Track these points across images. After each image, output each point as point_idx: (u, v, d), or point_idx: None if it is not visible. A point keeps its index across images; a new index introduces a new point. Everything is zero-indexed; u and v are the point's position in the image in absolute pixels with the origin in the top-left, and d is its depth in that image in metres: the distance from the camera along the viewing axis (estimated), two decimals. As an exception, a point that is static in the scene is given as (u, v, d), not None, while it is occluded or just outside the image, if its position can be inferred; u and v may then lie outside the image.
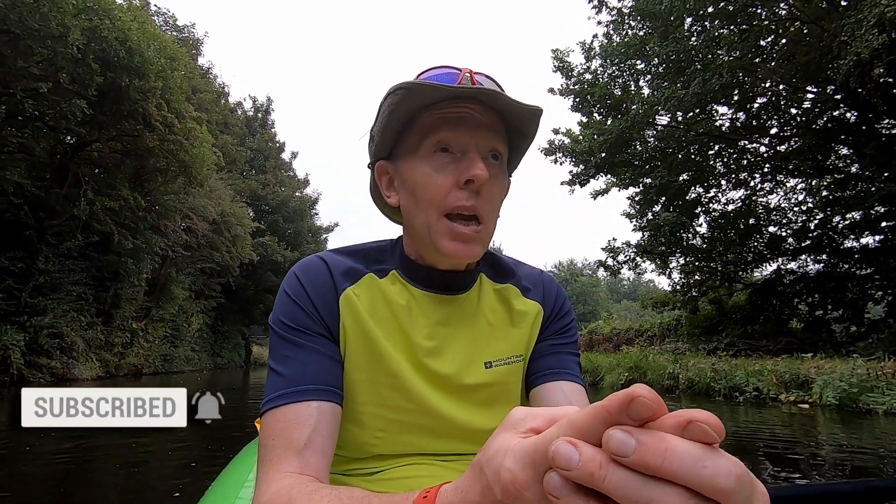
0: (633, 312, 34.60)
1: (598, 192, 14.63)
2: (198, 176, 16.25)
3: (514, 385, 0.74)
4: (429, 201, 0.65)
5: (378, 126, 0.69)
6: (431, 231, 0.66)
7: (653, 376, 9.11)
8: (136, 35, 11.61)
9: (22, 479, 3.38)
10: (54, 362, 12.90)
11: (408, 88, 0.62)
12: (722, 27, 10.63)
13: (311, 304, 0.66)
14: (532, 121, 0.68)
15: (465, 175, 0.63)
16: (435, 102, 0.65)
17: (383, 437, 0.67)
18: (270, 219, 32.42)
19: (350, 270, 0.70)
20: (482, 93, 0.63)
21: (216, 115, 28.14)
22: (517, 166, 0.78)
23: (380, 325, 0.68)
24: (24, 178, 11.88)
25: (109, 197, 14.51)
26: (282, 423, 0.58)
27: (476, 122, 0.65)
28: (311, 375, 0.61)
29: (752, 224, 13.75)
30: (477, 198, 0.65)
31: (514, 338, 0.74)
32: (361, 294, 0.69)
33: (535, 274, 0.81)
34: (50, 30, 9.47)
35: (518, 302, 0.76)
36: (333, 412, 0.61)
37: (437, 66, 0.70)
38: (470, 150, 0.64)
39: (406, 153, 0.68)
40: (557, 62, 13.56)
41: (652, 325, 16.83)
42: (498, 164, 0.68)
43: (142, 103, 12.83)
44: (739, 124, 13.12)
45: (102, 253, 15.36)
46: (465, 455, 0.70)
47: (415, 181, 0.67)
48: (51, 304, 12.96)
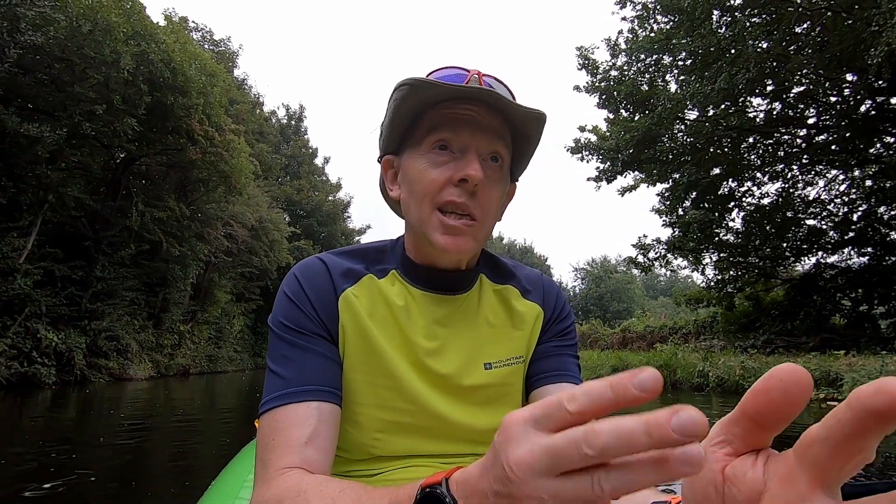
0: (670, 309, 33.75)
1: (625, 189, 14.50)
2: (237, 185, 17.05)
3: (515, 387, 0.74)
4: (422, 195, 0.66)
5: (386, 121, 0.71)
6: (424, 224, 0.67)
7: (682, 374, 9.07)
8: (179, 55, 12.37)
9: (98, 462, 3.84)
10: (112, 363, 13.78)
11: (411, 84, 0.63)
12: (753, 16, 10.41)
13: (310, 305, 0.66)
14: (536, 125, 0.68)
15: (460, 174, 0.64)
16: (440, 101, 0.66)
17: (382, 439, 0.67)
18: (305, 223, 33.42)
19: (349, 271, 0.70)
20: (485, 94, 0.63)
21: (252, 124, 29.23)
22: (523, 171, 0.78)
23: (379, 326, 0.68)
24: (83, 192, 12.82)
25: (157, 208, 15.42)
26: (281, 423, 0.58)
27: (478, 123, 0.65)
28: (310, 376, 0.61)
29: (790, 217, 13.34)
30: (471, 198, 0.65)
31: (515, 339, 0.74)
32: (361, 295, 0.69)
33: (534, 276, 0.82)
34: (104, 56, 10.27)
35: (518, 303, 0.76)
36: (333, 413, 0.61)
37: (447, 66, 0.70)
38: (468, 150, 0.65)
39: (409, 148, 0.70)
40: (582, 60, 13.54)
41: (687, 323, 16.53)
42: (497, 166, 0.68)
43: (185, 119, 13.63)
44: (775, 115, 12.76)
45: (152, 260, 16.30)
46: (465, 455, 0.70)
47: (412, 175, 0.68)
48: (107, 308, 13.86)
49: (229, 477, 1.43)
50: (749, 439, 0.25)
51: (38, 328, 11.34)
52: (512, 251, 60.03)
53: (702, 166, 12.67)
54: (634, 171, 13.74)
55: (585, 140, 13.92)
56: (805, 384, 0.22)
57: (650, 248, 14.04)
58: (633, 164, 13.11)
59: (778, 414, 0.23)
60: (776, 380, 0.23)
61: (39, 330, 11.34)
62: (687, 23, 10.40)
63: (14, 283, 10.64)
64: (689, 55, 11.13)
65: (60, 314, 12.31)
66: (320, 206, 34.85)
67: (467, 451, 0.70)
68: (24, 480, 3.27)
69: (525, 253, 60.54)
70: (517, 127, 0.69)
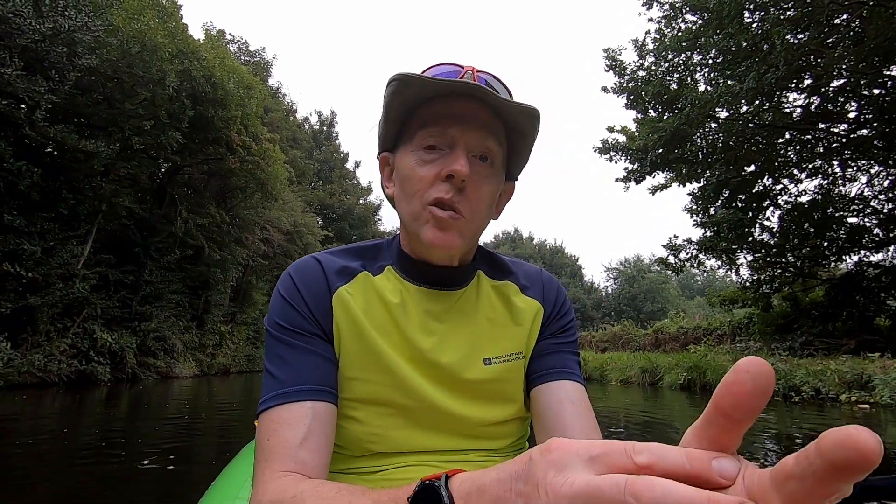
0: (707, 310, 32.82)
1: (656, 188, 14.33)
2: (273, 191, 17.79)
3: (515, 383, 0.74)
4: (412, 192, 0.66)
5: (381, 118, 0.71)
6: (414, 221, 0.67)
7: (712, 376, 8.95)
8: (219, 71, 13.07)
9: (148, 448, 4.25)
10: (159, 362, 14.55)
11: (400, 80, 0.63)
12: (788, 9, 10.17)
13: (304, 304, 0.66)
14: (529, 121, 0.67)
15: (447, 170, 0.63)
16: (432, 97, 0.65)
17: (381, 434, 0.66)
18: (337, 226, 34.27)
19: (344, 269, 0.70)
20: (474, 89, 0.62)
21: (286, 131, 30.20)
22: (521, 169, 0.76)
23: (374, 322, 0.68)
24: (132, 202, 13.69)
25: (199, 214, 16.25)
26: (276, 423, 0.58)
27: (468, 118, 0.65)
28: (304, 376, 0.61)
29: (831, 215, 12.88)
30: (459, 194, 0.65)
31: (514, 335, 0.74)
32: (355, 292, 0.69)
33: (534, 272, 0.81)
34: (151, 74, 10.99)
35: (517, 299, 0.76)
36: (328, 412, 0.61)
37: (441, 62, 0.70)
38: (457, 146, 0.65)
39: (402, 145, 0.70)
40: (610, 61, 13.51)
41: (722, 324, 16.14)
42: (488, 163, 0.67)
43: (224, 130, 14.36)
44: (813, 109, 12.36)
45: (194, 265, 17.13)
46: (466, 451, 0.70)
47: (403, 172, 0.68)
48: (155, 311, 14.65)
49: (229, 477, 1.41)
50: (723, 439, 0.25)
51: (94, 329, 12.20)
52: (542, 252, 59.50)
53: (734, 165, 12.43)
54: (664, 171, 13.59)
55: (613, 141, 13.87)
56: (769, 375, 0.23)
57: (681, 248, 13.83)
58: (661, 164, 12.98)
59: (749, 406, 0.23)
60: (744, 372, 0.23)
61: (95, 330, 12.19)
62: (715, 21, 10.28)
63: (74, 288, 11.48)
64: (719, 53, 10.97)
65: (114, 316, 13.19)
66: (352, 210, 35.65)
67: (467, 446, 0.70)
68: (84, 459, 3.69)
69: (555, 253, 59.89)
70: (511, 123, 0.68)
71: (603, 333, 23.03)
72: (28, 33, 9.13)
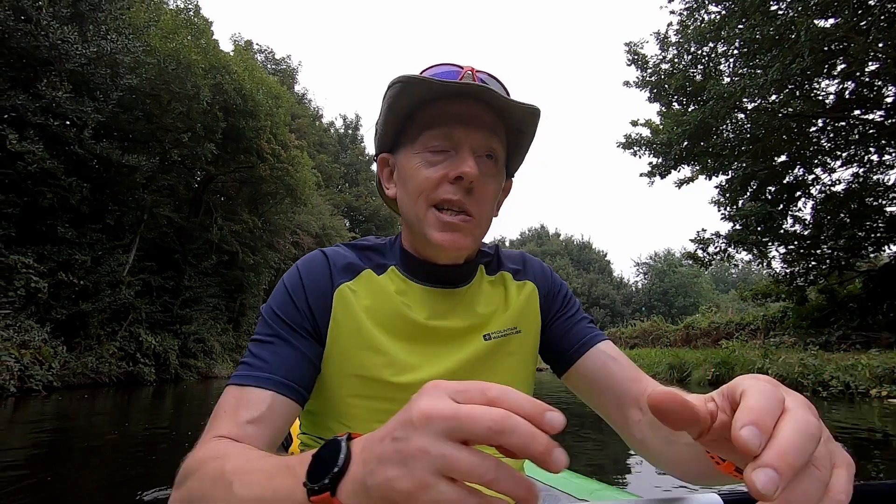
0: (740, 304, 31.89)
1: (682, 181, 14.13)
2: (301, 196, 18.35)
3: (517, 356, 0.75)
4: (418, 193, 0.66)
5: (380, 119, 0.71)
6: (421, 222, 0.67)
7: (741, 371, 8.80)
8: (248, 83, 13.64)
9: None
10: (199, 363, 15.26)
11: (404, 82, 0.64)
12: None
13: (304, 298, 0.66)
14: (530, 120, 0.68)
15: (455, 171, 0.64)
16: (434, 98, 0.66)
17: (382, 423, 0.72)
18: (364, 228, 34.89)
19: (349, 266, 0.71)
20: (478, 90, 0.63)
21: (312, 136, 30.91)
22: (519, 166, 0.78)
23: (376, 320, 0.68)
24: (171, 211, 14.41)
25: (234, 221, 16.94)
26: (235, 399, 0.59)
27: (472, 120, 0.65)
28: (277, 367, 0.61)
29: (868, 204, 12.44)
30: (467, 195, 0.65)
31: (510, 314, 0.75)
32: (358, 290, 0.69)
33: (516, 256, 0.83)
34: (186, 90, 11.59)
35: (513, 285, 0.78)
36: (286, 406, 0.61)
37: (441, 63, 0.70)
38: (463, 148, 0.65)
39: (404, 146, 0.70)
40: (632, 55, 13.40)
41: (755, 318, 15.76)
42: (493, 162, 0.68)
43: (255, 140, 14.95)
44: (847, 95, 11.96)
45: (230, 269, 17.86)
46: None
47: (407, 174, 0.68)
48: (195, 314, 15.36)
49: None
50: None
51: (139, 332, 12.93)
52: (570, 248, 58.87)
53: (762, 155, 12.16)
54: (690, 164, 13.40)
55: (636, 135, 13.75)
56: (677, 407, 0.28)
57: (709, 242, 13.60)
58: (687, 158, 12.81)
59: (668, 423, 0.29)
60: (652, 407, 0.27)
61: (141, 334, 12.92)
62: (739, 11, 10.12)
63: (120, 294, 12.22)
64: (744, 43, 10.77)
65: (157, 320, 13.94)
66: (378, 212, 36.22)
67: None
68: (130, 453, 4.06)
69: (583, 249, 59.19)
70: (511, 122, 0.69)
71: (633, 329, 22.76)
72: (75, 58, 9.79)
